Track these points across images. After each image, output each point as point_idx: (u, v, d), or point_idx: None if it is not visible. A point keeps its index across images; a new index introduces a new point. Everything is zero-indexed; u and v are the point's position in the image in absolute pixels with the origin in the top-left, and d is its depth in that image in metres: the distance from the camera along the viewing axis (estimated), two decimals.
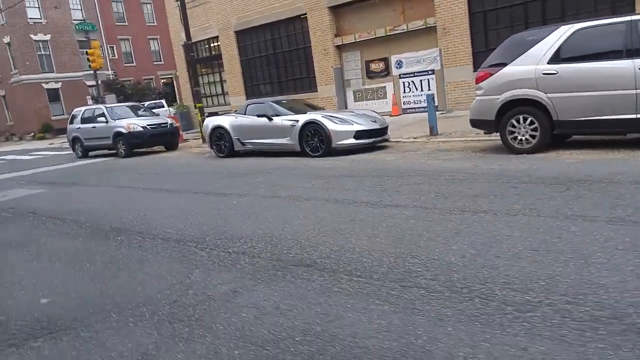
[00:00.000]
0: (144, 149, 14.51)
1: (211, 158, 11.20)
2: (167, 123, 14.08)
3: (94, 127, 14.54)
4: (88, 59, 21.88)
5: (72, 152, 15.96)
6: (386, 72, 14.98)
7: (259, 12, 17.15)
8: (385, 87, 15.08)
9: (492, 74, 7.13)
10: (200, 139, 15.13)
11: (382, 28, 14.37)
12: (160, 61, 43.02)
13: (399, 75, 14.68)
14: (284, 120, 9.64)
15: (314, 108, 10.73)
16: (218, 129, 10.84)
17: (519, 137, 6.98)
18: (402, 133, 10.98)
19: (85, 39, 23.52)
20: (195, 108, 20.61)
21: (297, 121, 9.34)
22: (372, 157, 8.40)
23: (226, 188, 6.93)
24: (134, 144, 13.51)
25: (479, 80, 7.32)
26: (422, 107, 14.39)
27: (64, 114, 32.62)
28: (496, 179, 5.53)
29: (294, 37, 16.70)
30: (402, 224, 4.26)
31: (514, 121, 6.99)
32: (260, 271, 3.57)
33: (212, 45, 19.71)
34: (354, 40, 15.09)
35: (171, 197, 6.81)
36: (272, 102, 10.34)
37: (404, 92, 14.69)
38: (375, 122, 9.38)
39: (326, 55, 15.71)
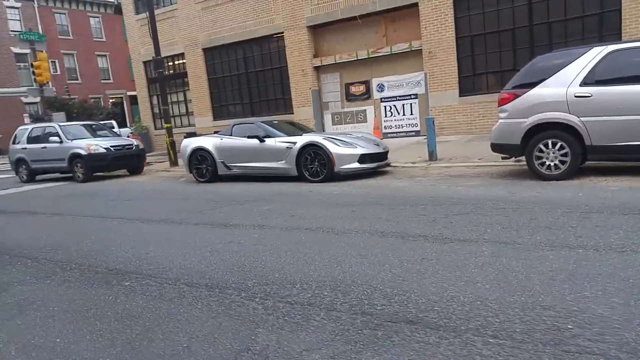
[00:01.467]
0: (104, 173, 13.12)
1: (190, 183, 10.12)
2: (132, 145, 12.82)
3: (45, 147, 13.01)
4: (33, 72, 20.14)
5: (14, 175, 14.25)
6: (367, 95, 14.52)
7: (230, 29, 16.35)
8: (365, 110, 14.60)
9: (517, 96, 6.70)
10: (168, 162, 13.95)
11: (365, 50, 13.96)
12: (109, 79, 40.94)
13: (381, 99, 14.25)
14: (278, 142, 8.80)
15: (304, 129, 9.97)
16: (199, 151, 9.82)
17: (547, 163, 6.53)
18: (396, 157, 10.41)
19: (28, 51, 21.65)
20: (158, 129, 19.42)
21: (294, 143, 8.54)
22: (382, 183, 7.71)
23: (231, 218, 5.97)
24: (94, 167, 12.14)
25: (502, 102, 6.86)
26: (404, 132, 14.01)
27: None
28: (553, 208, 4.96)
29: (268, 56, 15.98)
30: (493, 263, 3.55)
31: (541, 146, 6.55)
32: (350, 330, 2.73)
33: (176, 62, 18.61)
34: (334, 62, 14.58)
35: (169, 229, 5.76)
36: (262, 122, 9.48)
37: (386, 116, 14.25)
38: (378, 145, 8.76)
39: (304, 76, 15.08)
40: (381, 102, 14.27)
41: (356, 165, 8.20)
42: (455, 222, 4.76)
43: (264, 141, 8.95)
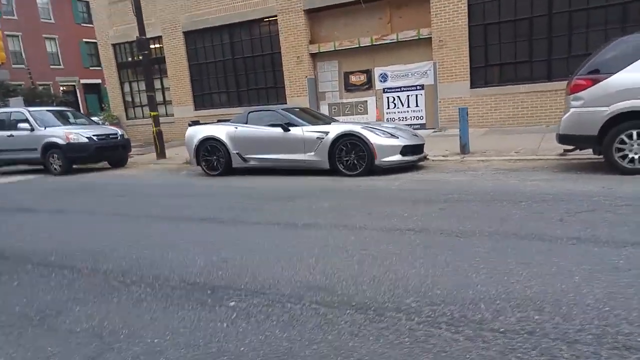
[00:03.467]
0: (82, 166, 11.64)
1: (198, 177, 8.97)
2: (117, 134, 11.41)
3: (11, 136, 11.37)
4: None
5: None
6: (368, 85, 13.73)
7: (216, 10, 15.09)
8: (366, 101, 13.81)
9: (595, 82, 6.09)
10: (152, 154, 12.61)
11: (367, 37, 13.14)
12: (59, 65, 37.94)
13: (383, 89, 13.50)
14: (306, 131, 7.84)
15: (326, 118, 9.05)
16: (209, 141, 8.68)
17: (631, 156, 5.98)
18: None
19: None
20: (130, 118, 17.79)
21: (326, 133, 7.61)
22: (434, 177, 6.94)
23: (296, 216, 5.01)
24: (74, 159, 10.69)
25: (576, 89, 6.24)
26: (410, 125, 13.32)
27: None
28: None
29: (258, 41, 14.86)
30: None
31: (624, 137, 5.98)
32: None
33: (150, 47, 17.03)
34: (333, 49, 13.67)
35: (228, 230, 4.73)
36: (283, 109, 8.47)
37: (388, 107, 13.52)
38: (416, 136, 7.98)
39: (299, 64, 14.09)
40: (384, 92, 13.53)
41: (398, 157, 7.39)
42: (593, 221, 4.04)
43: (289, 130, 7.97)
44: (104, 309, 3.02)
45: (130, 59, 17.55)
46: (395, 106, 13.43)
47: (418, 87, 13.06)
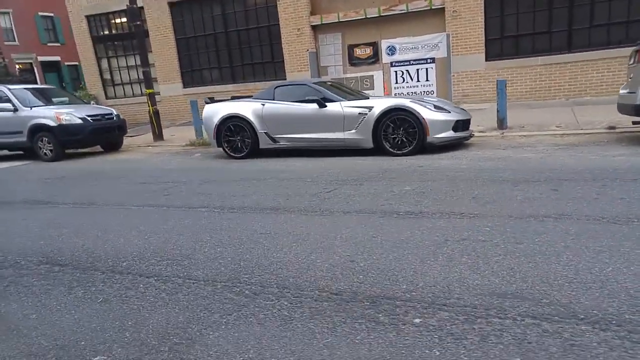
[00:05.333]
0: (75, 151, 10.52)
1: (216, 159, 8.14)
2: (112, 114, 10.32)
3: None
4: None
5: None
6: (374, 59, 13.04)
7: None
8: (372, 76, 13.13)
9: None
10: (147, 136, 11.59)
11: (374, 7, 12.39)
12: (14, 41, 35.18)
13: (391, 63, 12.84)
14: (346, 107, 7.13)
15: (355, 93, 8.36)
16: (232, 119, 7.84)
17: None
18: None
19: None
20: (110, 97, 16.43)
21: (370, 108, 6.93)
22: (496, 155, 6.40)
23: (393, 204, 4.36)
24: (67, 143, 9.58)
25: None
26: None
27: None
28: None
29: (254, 12, 13.84)
30: None
31: None
32: None
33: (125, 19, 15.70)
34: (337, 20, 12.84)
35: (306, 220, 4.03)
36: (314, 83, 7.71)
37: (396, 82, 12.90)
38: (464, 110, 7.41)
39: (300, 37, 13.22)
40: (391, 66, 12.87)
41: (450, 134, 6.82)
42: None
43: (326, 106, 7.23)
44: (247, 333, 2.32)
45: (107, 32, 16.14)
46: (404, 80, 12.81)
47: (429, 61, 12.47)
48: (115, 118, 10.24)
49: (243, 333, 2.36)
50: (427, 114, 6.66)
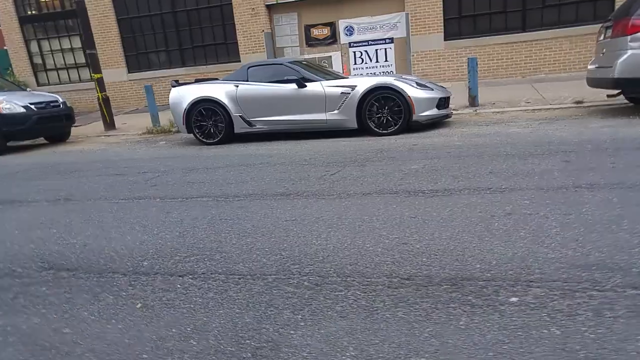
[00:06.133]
0: (18, 143, 9.53)
1: (186, 146, 7.64)
2: (57, 101, 9.41)
3: None
4: None
5: None
6: (332, 39, 12.82)
7: None
8: (330, 57, 12.92)
9: None
10: (100, 125, 10.76)
11: None
12: None
13: (349, 43, 12.68)
14: (327, 86, 6.90)
15: (332, 72, 8.13)
16: (203, 103, 7.36)
17: None
18: None
19: None
20: (42, 84, 15.01)
21: (353, 87, 6.74)
22: (481, 131, 6.44)
23: (396, 182, 4.21)
24: (10, 134, 8.64)
25: (633, 29, 6.01)
26: None
27: None
28: None
29: None
30: None
31: None
32: None
33: None
34: (293, 0, 12.45)
35: (326, 204, 3.79)
36: (290, 62, 7.39)
37: (355, 63, 12.77)
38: (444, 88, 7.40)
39: (255, 17, 12.72)
40: (350, 47, 12.72)
41: (434, 111, 6.78)
42: None
43: (305, 86, 6.96)
44: (335, 328, 2.09)
45: (35, 11, 14.74)
46: (362, 61, 12.71)
47: (387, 41, 12.43)
48: (61, 106, 9.36)
49: (331, 329, 2.12)
50: (412, 92, 6.56)
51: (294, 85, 6.93)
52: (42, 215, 4.38)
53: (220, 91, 7.24)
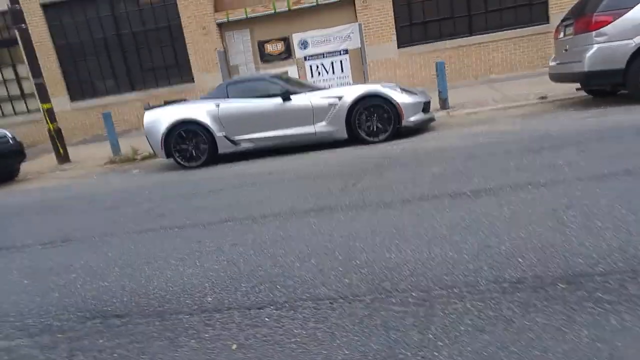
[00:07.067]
0: None
1: (166, 172, 7.19)
2: (6, 137, 8.58)
3: None
4: None
5: None
6: (287, 54, 12.72)
7: None
8: (287, 71, 12.78)
9: (617, 17, 6.32)
10: (51, 159, 9.95)
11: (284, 1, 12.07)
12: None
13: (305, 57, 12.64)
14: (313, 98, 6.77)
15: (311, 85, 8.02)
16: (183, 125, 6.98)
17: None
18: None
19: None
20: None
21: (340, 97, 6.67)
22: (473, 131, 6.56)
23: (425, 186, 4.15)
24: None
25: (598, 25, 6.40)
26: None
27: None
28: None
29: (150, 11, 12.63)
30: None
31: None
32: None
33: None
34: (244, 16, 12.27)
35: (435, 206, 3.66)
36: (271, 76, 7.20)
37: (312, 76, 12.74)
38: (425, 92, 7.50)
39: (206, 35, 12.38)
40: (305, 60, 12.68)
41: (422, 115, 6.85)
42: None
43: (290, 99, 6.79)
44: (483, 343, 1.95)
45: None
46: (319, 74, 12.71)
47: (342, 52, 12.51)
48: (10, 141, 8.53)
49: (476, 345, 1.97)
50: (400, 97, 6.59)
51: (278, 100, 6.74)
52: (46, 260, 3.89)
53: (200, 111, 6.90)
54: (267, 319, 2.44)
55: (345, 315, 2.36)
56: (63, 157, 9.55)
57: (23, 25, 9.17)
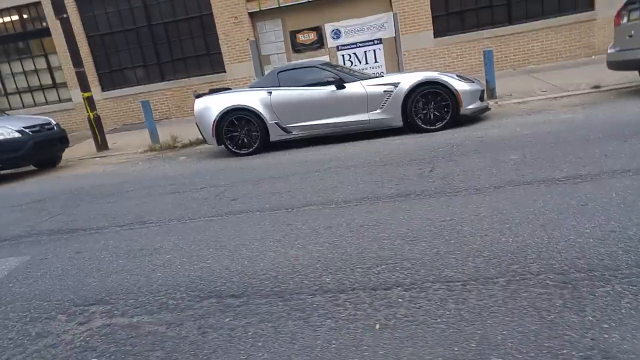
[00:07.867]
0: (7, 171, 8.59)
1: (217, 159, 7.13)
2: (51, 123, 8.58)
3: None
4: None
5: None
6: (319, 44, 12.59)
7: None
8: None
9: None
10: (92, 146, 9.96)
11: None
12: None
13: (337, 47, 12.51)
14: (368, 86, 6.67)
15: (360, 73, 7.90)
16: (234, 112, 6.91)
17: None
18: None
19: None
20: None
21: (396, 85, 6.56)
22: (537, 119, 6.42)
23: (521, 174, 4.06)
24: (6, 162, 7.76)
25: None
26: None
27: None
28: None
29: (182, 2, 12.55)
30: None
31: None
32: None
33: (24, 16, 13.41)
34: (276, 6, 12.15)
35: (533, 193, 3.57)
36: (322, 64, 7.10)
37: (345, 66, 12.58)
38: (478, 80, 7.36)
39: (238, 25, 12.29)
40: (338, 50, 12.55)
41: (479, 104, 6.72)
42: None
43: (344, 87, 6.69)
44: None
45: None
46: (352, 64, 12.56)
47: (376, 42, 12.35)
48: (55, 128, 8.54)
49: None
50: (459, 85, 6.47)
51: (331, 87, 6.64)
52: (130, 241, 3.84)
53: (252, 99, 6.82)
54: (400, 300, 2.37)
55: (485, 297, 2.29)
56: (101, 145, 9.55)
57: (65, 15, 9.13)
